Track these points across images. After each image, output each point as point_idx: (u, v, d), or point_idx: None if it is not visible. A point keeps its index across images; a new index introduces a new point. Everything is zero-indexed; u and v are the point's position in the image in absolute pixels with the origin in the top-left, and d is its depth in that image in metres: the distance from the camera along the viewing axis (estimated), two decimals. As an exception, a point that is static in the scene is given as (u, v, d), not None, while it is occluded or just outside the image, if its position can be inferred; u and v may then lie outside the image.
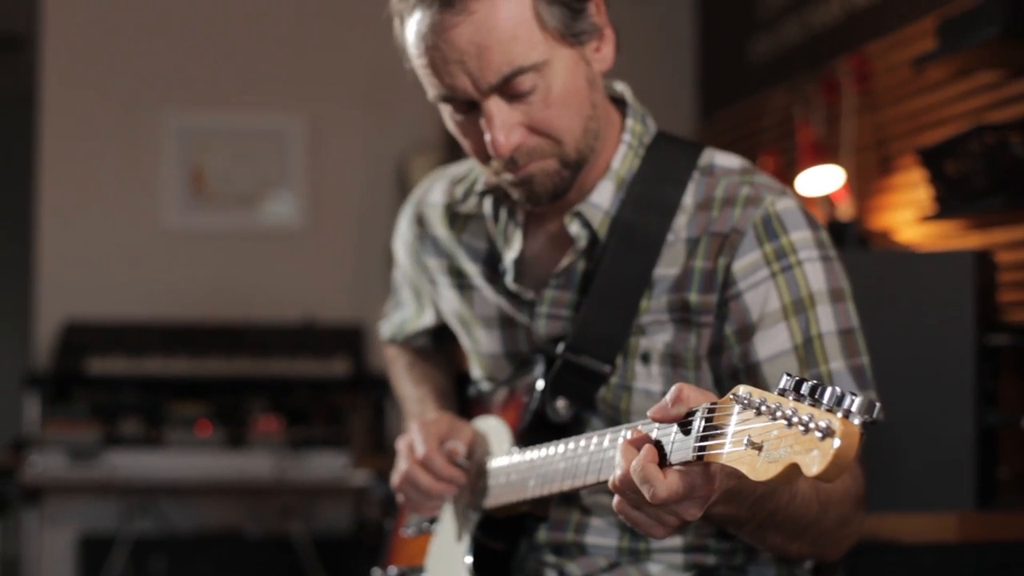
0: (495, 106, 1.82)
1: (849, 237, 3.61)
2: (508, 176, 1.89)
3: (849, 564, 2.56)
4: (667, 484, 1.41)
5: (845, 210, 4.39)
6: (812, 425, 1.22)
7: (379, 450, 5.60)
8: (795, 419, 1.24)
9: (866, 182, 4.42)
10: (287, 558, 5.68)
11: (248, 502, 5.94)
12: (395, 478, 2.06)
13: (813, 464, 1.21)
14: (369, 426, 5.67)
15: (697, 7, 6.33)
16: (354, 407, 5.71)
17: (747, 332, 1.87)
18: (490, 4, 1.79)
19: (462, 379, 2.32)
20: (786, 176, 4.76)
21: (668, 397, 1.44)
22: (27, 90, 7.12)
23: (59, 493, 5.72)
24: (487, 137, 1.84)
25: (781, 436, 1.25)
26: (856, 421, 1.21)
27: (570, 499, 1.98)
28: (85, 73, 6.12)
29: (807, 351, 1.86)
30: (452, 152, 5.78)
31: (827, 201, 4.50)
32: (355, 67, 6.19)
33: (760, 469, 1.27)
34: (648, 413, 1.46)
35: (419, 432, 2.02)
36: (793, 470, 1.24)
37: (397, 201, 6.06)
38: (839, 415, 1.21)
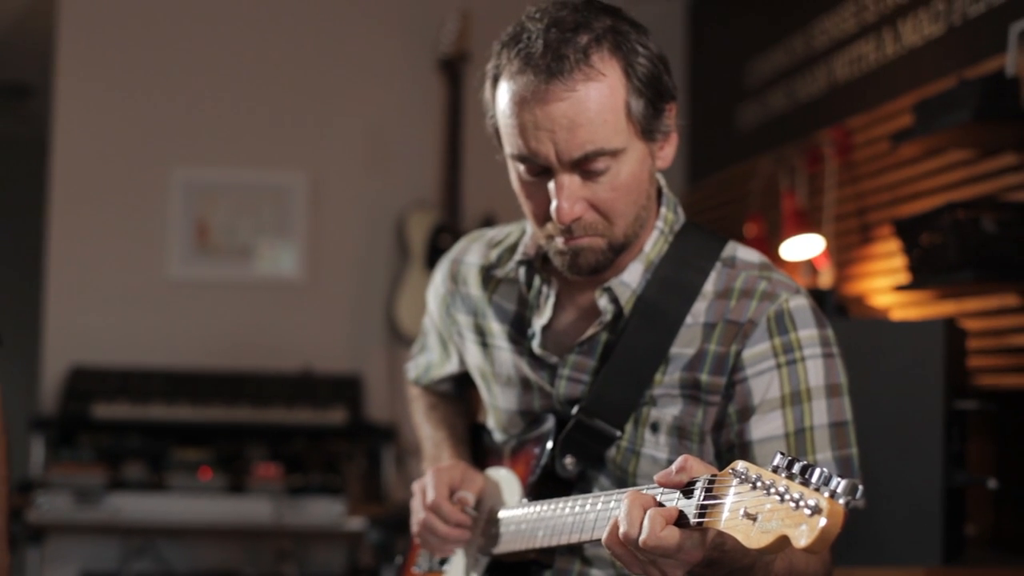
0: (568, 178, 1.96)
1: (828, 305, 3.72)
2: (559, 242, 2.02)
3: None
4: (660, 535, 1.55)
5: (826, 275, 4.54)
6: (802, 503, 1.36)
7: (374, 497, 5.66)
8: (787, 496, 1.38)
9: (847, 250, 4.54)
10: (282, 600, 5.72)
11: (246, 545, 5.98)
12: (413, 523, 2.20)
13: (801, 537, 1.35)
14: (364, 474, 5.71)
15: (688, 75, 6.45)
16: (350, 455, 5.76)
17: (746, 413, 2.01)
18: (590, 87, 1.92)
19: (477, 428, 2.46)
20: (770, 242, 4.92)
21: (674, 466, 1.59)
22: (37, 137, 7.20)
23: (62, 533, 5.75)
24: (553, 203, 1.97)
25: (774, 510, 1.39)
26: (841, 501, 1.35)
27: (573, 551, 2.13)
28: (95, 128, 6.20)
29: (798, 440, 1.99)
30: (448, 212, 5.93)
31: (810, 266, 4.65)
32: (355, 128, 6.30)
33: (754, 538, 1.41)
34: (655, 478, 1.61)
35: (432, 478, 2.16)
36: (783, 541, 1.38)
37: (395, 256, 6.19)
38: (826, 495, 1.35)
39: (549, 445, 2.10)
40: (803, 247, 4.53)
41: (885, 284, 4.20)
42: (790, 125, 5.16)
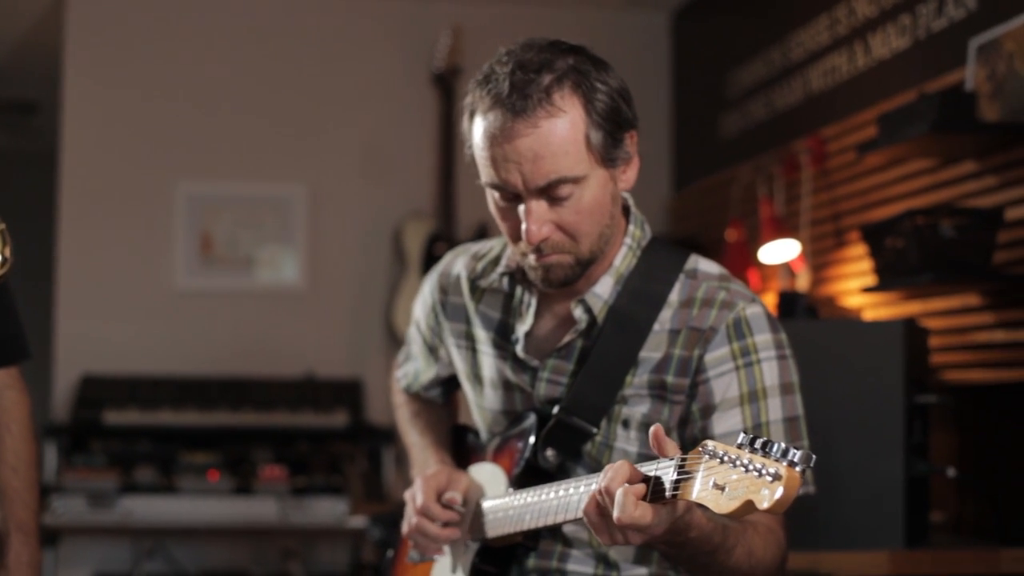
0: (535, 204, 2.15)
1: (799, 307, 3.88)
2: (531, 259, 2.22)
3: (791, 595, 2.90)
4: (633, 515, 1.75)
5: (803, 277, 4.73)
6: (764, 471, 1.56)
7: (375, 496, 5.79)
8: (751, 466, 1.58)
9: (822, 253, 4.71)
10: (289, 596, 5.86)
11: (253, 544, 6.11)
12: (404, 526, 2.40)
13: (764, 500, 1.54)
14: (366, 474, 5.84)
15: (672, 86, 6.62)
16: (352, 457, 5.89)
17: (708, 411, 2.21)
18: (552, 122, 2.11)
19: (459, 429, 2.66)
20: (749, 246, 5.10)
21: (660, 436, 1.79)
22: (45, 152, 7.29)
23: (75, 535, 5.89)
24: (523, 226, 2.17)
25: (740, 479, 1.59)
26: (797, 469, 1.55)
27: (555, 533, 2.32)
28: (101, 144, 6.34)
29: (756, 434, 2.18)
30: (443, 221, 6.11)
31: (787, 269, 4.84)
32: (353, 141, 6.46)
33: (723, 504, 1.60)
34: (651, 429, 1.79)
35: (420, 485, 2.37)
36: (749, 505, 1.57)
37: (393, 264, 6.35)
38: (785, 464, 1.55)
39: (532, 440, 2.29)
40: (780, 251, 4.71)
41: (857, 286, 4.35)
42: (769, 134, 5.31)
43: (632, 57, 6.54)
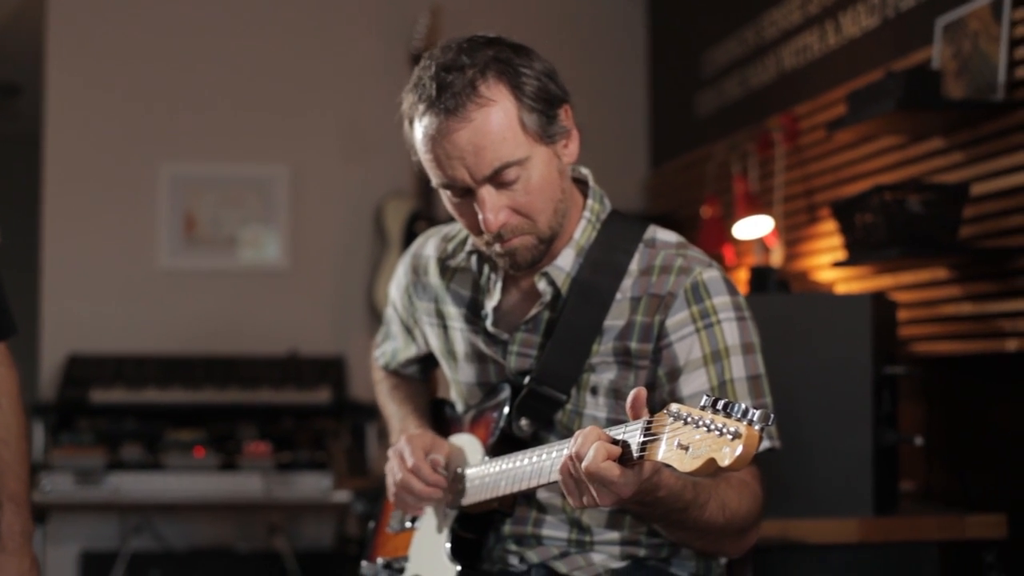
0: (487, 192, 2.24)
1: (770, 281, 3.94)
2: (496, 248, 2.31)
3: (761, 561, 2.94)
4: (602, 464, 1.84)
5: (777, 252, 4.81)
6: (725, 430, 1.64)
7: (359, 471, 5.84)
8: (712, 426, 1.66)
9: (795, 229, 4.78)
10: (274, 571, 5.92)
11: (238, 520, 6.17)
12: (389, 482, 2.48)
13: (725, 458, 1.63)
14: (349, 449, 5.89)
15: (649, 65, 6.66)
16: (336, 432, 5.95)
17: (674, 374, 2.31)
18: (485, 113, 2.20)
19: (436, 403, 2.74)
20: (724, 223, 5.17)
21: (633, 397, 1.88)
22: (28, 134, 7.31)
23: (63, 512, 5.94)
24: (480, 217, 2.25)
25: (702, 439, 1.67)
26: (756, 428, 1.64)
27: (530, 500, 2.42)
28: (85, 126, 6.38)
29: (721, 392, 2.29)
30: (424, 200, 6.15)
31: (761, 244, 4.91)
32: (334, 122, 6.50)
33: (687, 463, 1.69)
34: (630, 396, 1.89)
35: (407, 444, 2.44)
36: (711, 463, 1.66)
37: (374, 243, 6.40)
38: (744, 423, 1.64)
39: (506, 410, 2.38)
40: (754, 227, 4.77)
41: (829, 261, 4.39)
42: (743, 112, 5.36)
43: (609, 37, 6.61)
